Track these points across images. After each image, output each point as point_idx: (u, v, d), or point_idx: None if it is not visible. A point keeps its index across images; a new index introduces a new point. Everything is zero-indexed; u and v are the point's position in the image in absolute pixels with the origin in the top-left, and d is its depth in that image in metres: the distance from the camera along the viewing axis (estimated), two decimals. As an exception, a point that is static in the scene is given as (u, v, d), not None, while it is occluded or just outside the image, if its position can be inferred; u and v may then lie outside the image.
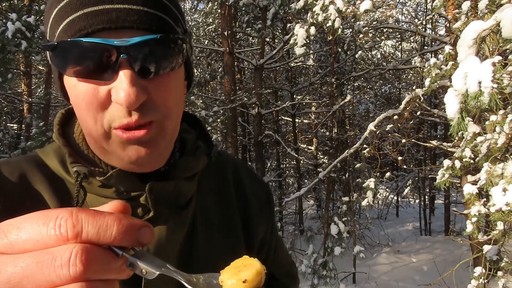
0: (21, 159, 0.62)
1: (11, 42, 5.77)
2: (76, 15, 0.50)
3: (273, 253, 0.85)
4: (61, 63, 0.51)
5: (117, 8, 0.50)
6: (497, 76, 1.98)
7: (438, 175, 3.76)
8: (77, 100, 0.53)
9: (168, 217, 0.60)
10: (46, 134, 7.52)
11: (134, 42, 0.50)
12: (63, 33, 0.51)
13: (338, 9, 4.45)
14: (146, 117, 0.53)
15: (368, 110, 14.76)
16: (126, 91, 0.49)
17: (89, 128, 0.54)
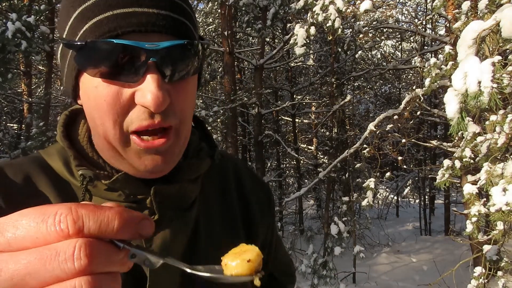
0: (25, 161, 0.61)
1: (11, 42, 5.77)
2: (104, 16, 0.50)
3: (273, 253, 0.85)
4: (86, 62, 0.51)
5: (146, 12, 0.50)
6: (497, 76, 1.98)
7: (438, 175, 3.76)
8: (98, 101, 0.52)
9: (173, 220, 0.60)
10: (46, 134, 7.52)
11: (164, 46, 0.50)
12: (89, 33, 0.50)
13: (338, 9, 4.45)
14: (167, 121, 0.53)
15: (368, 110, 14.76)
16: (154, 93, 0.49)
17: (106, 131, 0.53)
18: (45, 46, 8.10)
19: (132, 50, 0.49)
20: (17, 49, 6.02)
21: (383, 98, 14.80)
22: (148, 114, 0.52)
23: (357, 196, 7.22)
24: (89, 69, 0.51)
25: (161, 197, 0.58)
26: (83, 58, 0.51)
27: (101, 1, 0.50)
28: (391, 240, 10.31)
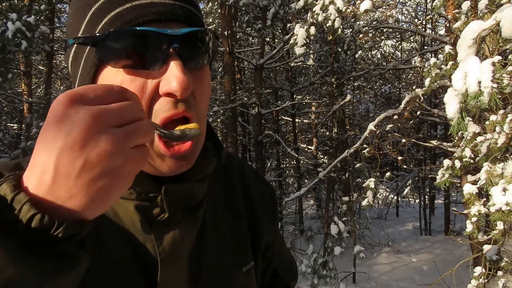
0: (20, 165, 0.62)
1: (11, 42, 5.77)
2: (124, 8, 0.51)
3: (277, 251, 0.87)
4: (109, 53, 0.50)
5: (163, 2, 0.52)
6: (497, 76, 1.98)
7: (438, 175, 3.76)
8: None
9: (182, 218, 0.61)
10: (46, 134, 7.52)
11: (184, 32, 0.51)
12: (109, 25, 0.51)
13: (338, 9, 4.45)
14: (190, 110, 0.53)
15: (368, 110, 14.76)
16: (179, 77, 0.50)
17: None
18: (45, 46, 8.11)
19: (154, 36, 0.50)
20: (17, 49, 6.02)
21: (383, 98, 14.80)
22: (172, 104, 0.52)
23: (357, 196, 7.22)
24: (112, 60, 0.51)
25: (171, 195, 0.58)
26: (105, 49, 0.50)
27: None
28: (391, 240, 10.31)
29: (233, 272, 0.69)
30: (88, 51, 0.53)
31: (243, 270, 0.70)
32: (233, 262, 0.69)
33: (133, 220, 0.58)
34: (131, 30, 0.50)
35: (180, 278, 0.61)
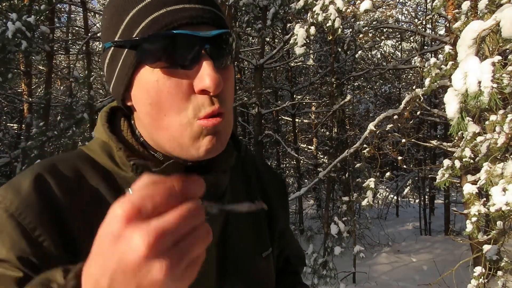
0: (72, 156, 0.65)
1: (11, 42, 5.77)
2: (160, 13, 0.55)
3: (288, 239, 0.93)
4: (148, 55, 0.55)
5: (194, 7, 0.57)
6: (497, 76, 1.98)
7: (438, 175, 3.76)
8: (161, 94, 0.56)
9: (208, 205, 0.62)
10: (46, 134, 7.51)
11: (214, 34, 0.56)
12: (147, 29, 0.55)
13: (338, 9, 4.45)
14: (222, 106, 0.58)
15: (368, 110, 14.77)
16: (212, 75, 0.54)
17: (170, 120, 0.57)
18: (45, 46, 8.10)
19: (188, 39, 0.55)
20: (17, 49, 6.01)
21: (383, 98, 14.80)
22: (210, 101, 0.57)
23: (357, 196, 7.22)
24: (151, 61, 0.55)
25: None
26: (144, 51, 0.55)
27: (155, 1, 0.56)
28: (391, 240, 10.31)
29: (254, 257, 0.75)
30: (126, 53, 0.58)
31: (262, 256, 0.76)
32: (254, 248, 0.75)
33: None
34: (169, 34, 0.54)
35: (209, 263, 0.66)
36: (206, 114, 0.57)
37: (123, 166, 0.63)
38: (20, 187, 0.57)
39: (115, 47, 0.59)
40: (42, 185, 0.58)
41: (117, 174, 0.63)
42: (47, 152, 8.35)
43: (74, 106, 8.04)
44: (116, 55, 0.59)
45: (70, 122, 7.73)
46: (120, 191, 0.62)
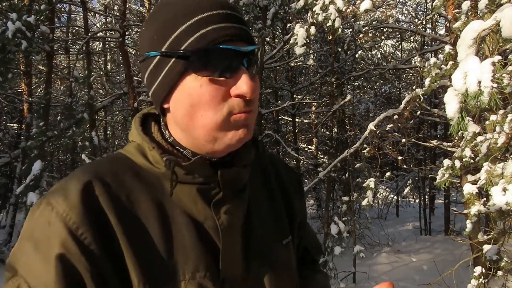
0: (112, 159, 0.75)
1: (11, 42, 5.77)
2: (207, 30, 0.65)
3: (306, 229, 1.01)
4: (197, 65, 0.65)
5: (233, 26, 0.67)
6: (497, 76, 1.98)
7: (438, 175, 3.76)
8: (202, 97, 0.66)
9: (233, 198, 0.74)
10: (46, 134, 7.51)
11: (250, 49, 0.67)
12: (195, 43, 0.64)
13: (338, 8, 4.45)
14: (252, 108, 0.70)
15: (368, 110, 14.77)
16: (249, 84, 0.65)
17: (207, 119, 0.67)
18: (45, 46, 8.10)
19: (231, 52, 0.65)
20: (17, 49, 6.02)
21: (383, 98, 14.80)
22: (244, 103, 0.67)
23: (357, 196, 7.22)
24: (198, 70, 0.65)
25: (224, 178, 0.71)
26: (193, 62, 0.65)
27: (203, 19, 0.65)
28: (391, 240, 10.31)
29: (275, 244, 0.82)
30: (173, 62, 0.66)
31: (283, 243, 0.84)
32: (274, 235, 0.83)
33: (195, 201, 0.71)
34: (216, 48, 0.64)
35: (236, 247, 0.74)
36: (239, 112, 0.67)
37: (155, 163, 0.71)
38: (68, 192, 0.65)
39: (161, 57, 0.67)
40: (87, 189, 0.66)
41: (150, 170, 0.72)
42: (47, 152, 8.35)
43: (74, 106, 8.04)
44: (162, 63, 0.68)
45: (70, 122, 7.74)
46: (152, 186, 0.71)
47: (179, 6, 0.67)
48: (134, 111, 8.68)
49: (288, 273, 0.83)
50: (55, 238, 0.61)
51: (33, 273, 0.60)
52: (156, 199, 0.69)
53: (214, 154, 0.72)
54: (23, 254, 0.63)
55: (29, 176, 6.53)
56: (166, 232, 0.68)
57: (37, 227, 0.63)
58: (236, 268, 0.73)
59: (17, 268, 0.62)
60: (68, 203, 0.63)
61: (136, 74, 12.67)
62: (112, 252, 0.63)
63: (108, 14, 12.78)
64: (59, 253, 0.60)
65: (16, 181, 8.63)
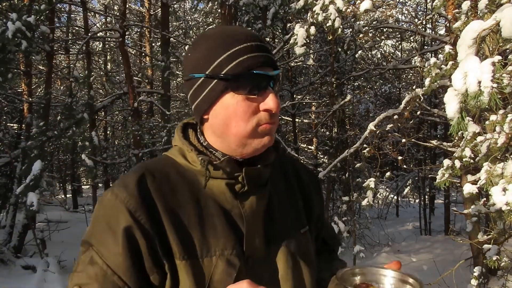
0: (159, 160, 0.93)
1: (11, 42, 5.77)
2: (243, 58, 0.82)
3: (324, 222, 1.15)
4: (235, 85, 0.82)
5: (263, 55, 0.85)
6: (497, 76, 1.98)
7: (438, 175, 3.76)
8: (237, 111, 0.83)
9: (256, 191, 0.90)
10: (46, 134, 7.51)
11: (276, 73, 0.86)
12: (234, 68, 0.82)
13: (338, 8, 4.45)
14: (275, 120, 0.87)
15: (368, 110, 14.76)
16: (275, 101, 0.84)
17: (239, 128, 0.84)
18: (45, 46, 8.10)
19: (262, 76, 0.83)
20: (17, 49, 6.02)
21: (383, 98, 14.80)
22: (270, 116, 0.85)
23: (357, 195, 7.23)
24: (235, 90, 0.83)
25: (249, 175, 0.87)
26: (232, 83, 0.82)
27: (240, 49, 0.83)
28: (391, 240, 10.31)
29: (293, 231, 0.96)
30: (215, 82, 0.83)
31: (301, 232, 0.98)
32: (293, 224, 0.97)
33: (224, 193, 0.88)
34: (251, 73, 0.82)
35: (258, 232, 0.89)
36: (266, 123, 0.85)
37: (193, 162, 0.88)
38: (127, 183, 0.84)
39: (205, 78, 0.84)
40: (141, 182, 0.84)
41: (188, 168, 0.89)
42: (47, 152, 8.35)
43: (74, 106, 8.04)
44: (205, 83, 0.85)
45: (70, 122, 7.73)
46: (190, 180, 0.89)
47: (220, 38, 0.85)
48: (134, 111, 8.68)
49: (304, 258, 0.95)
50: (121, 218, 0.80)
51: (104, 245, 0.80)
52: (192, 190, 0.87)
53: (242, 156, 0.89)
54: (96, 232, 0.83)
55: (29, 176, 6.53)
56: (200, 217, 0.85)
57: (106, 211, 0.83)
58: (258, 249, 0.88)
59: (91, 242, 0.82)
60: (128, 192, 0.82)
61: (136, 74, 12.68)
62: (159, 230, 0.81)
63: (108, 14, 12.78)
64: (124, 229, 0.79)
65: (16, 181, 8.61)
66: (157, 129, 9.17)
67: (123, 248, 0.78)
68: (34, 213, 6.53)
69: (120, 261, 0.78)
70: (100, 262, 0.79)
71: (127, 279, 0.78)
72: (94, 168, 7.80)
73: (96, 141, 7.91)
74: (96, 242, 0.81)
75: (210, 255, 0.83)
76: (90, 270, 0.79)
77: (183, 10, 16.87)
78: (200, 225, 0.84)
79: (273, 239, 0.91)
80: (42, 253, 7.58)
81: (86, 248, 0.83)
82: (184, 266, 0.80)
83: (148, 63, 13.44)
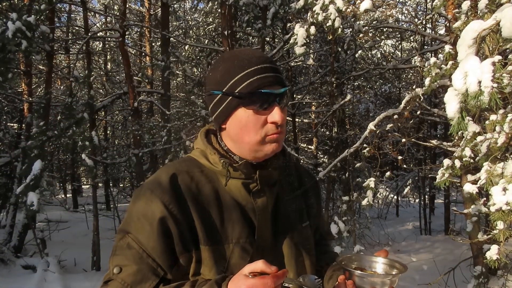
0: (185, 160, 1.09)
1: (11, 42, 5.77)
2: (254, 78, 0.96)
3: (322, 219, 1.34)
4: (247, 102, 0.97)
5: (271, 75, 0.98)
6: (497, 76, 1.98)
7: (438, 175, 3.76)
8: (249, 123, 0.98)
9: (266, 190, 1.06)
10: (46, 134, 7.51)
11: (282, 91, 0.98)
12: (246, 87, 0.96)
13: (338, 8, 4.45)
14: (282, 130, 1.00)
15: (368, 110, 14.76)
16: (280, 115, 0.97)
17: (250, 138, 0.99)
18: (45, 46, 8.10)
19: (269, 94, 0.96)
20: (17, 48, 6.02)
21: (383, 98, 14.79)
22: (275, 128, 0.99)
23: (357, 195, 7.22)
24: (247, 105, 0.97)
25: (262, 176, 1.03)
26: (244, 100, 0.97)
27: (251, 71, 0.97)
28: (391, 240, 10.31)
29: (296, 225, 1.12)
30: (230, 99, 0.98)
31: (302, 226, 1.14)
32: (296, 219, 1.13)
33: (240, 191, 1.03)
34: (260, 92, 0.96)
35: (267, 225, 1.05)
36: (273, 133, 0.98)
37: (214, 163, 1.04)
38: (161, 181, 1.01)
39: (222, 95, 0.99)
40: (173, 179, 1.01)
41: (210, 168, 1.05)
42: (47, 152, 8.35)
43: (74, 105, 8.03)
44: (222, 99, 1.00)
45: (70, 121, 7.73)
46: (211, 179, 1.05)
47: (236, 60, 1.00)
48: (134, 111, 8.68)
49: (305, 248, 1.12)
50: (156, 210, 0.96)
51: (142, 232, 0.96)
52: (214, 188, 1.03)
53: (255, 159, 1.04)
54: (132, 221, 0.98)
55: (29, 175, 6.52)
56: (220, 210, 1.01)
57: (142, 203, 0.99)
58: (267, 239, 1.05)
59: (129, 230, 0.98)
60: (163, 188, 0.99)
61: (136, 74, 12.67)
62: (188, 220, 0.97)
63: (108, 14, 12.77)
64: (159, 219, 0.95)
65: (16, 180, 8.61)
66: (157, 128, 9.15)
67: (158, 235, 0.95)
68: (34, 212, 6.52)
69: (155, 245, 0.94)
70: (136, 247, 0.95)
71: (160, 261, 0.95)
72: (94, 167, 7.80)
73: (96, 140, 7.90)
74: (133, 230, 0.97)
75: (228, 242, 1.00)
76: (128, 253, 0.95)
77: (183, 10, 16.86)
78: (220, 217, 1.00)
79: (279, 231, 1.08)
80: (42, 253, 7.58)
81: (122, 235, 0.98)
82: (207, 250, 0.97)
83: (148, 63, 13.43)
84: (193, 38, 15.07)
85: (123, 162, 10.28)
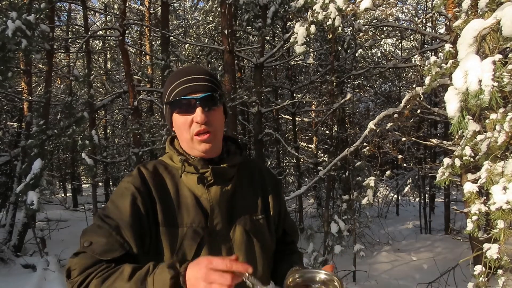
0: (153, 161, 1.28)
1: (11, 41, 5.76)
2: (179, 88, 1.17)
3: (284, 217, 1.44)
4: (175, 108, 1.18)
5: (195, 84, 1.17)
6: (497, 75, 1.98)
7: (438, 174, 3.75)
8: (181, 125, 1.18)
9: (220, 184, 1.22)
10: (46, 133, 7.51)
11: (201, 96, 1.16)
12: (173, 97, 1.18)
13: (338, 7, 4.44)
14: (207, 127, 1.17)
15: (368, 109, 14.77)
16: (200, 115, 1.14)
17: (185, 136, 1.19)
18: (45, 45, 8.09)
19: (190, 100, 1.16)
20: (17, 47, 6.01)
21: (383, 97, 14.79)
22: (199, 126, 1.16)
23: (357, 194, 7.23)
24: (176, 110, 1.18)
25: (214, 171, 1.20)
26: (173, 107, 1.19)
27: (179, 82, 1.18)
28: (391, 239, 10.31)
29: (251, 216, 1.27)
30: (168, 107, 1.22)
31: (255, 218, 1.28)
32: (251, 212, 1.28)
33: (196, 184, 1.20)
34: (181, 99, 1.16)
35: (221, 213, 1.21)
36: (197, 132, 1.17)
37: (176, 162, 1.24)
38: (132, 173, 1.21)
39: (165, 104, 1.23)
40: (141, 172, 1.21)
41: (173, 166, 1.26)
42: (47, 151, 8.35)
43: (74, 104, 8.03)
44: (165, 108, 1.25)
45: (70, 120, 7.72)
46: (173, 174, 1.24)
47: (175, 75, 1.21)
48: (134, 110, 8.67)
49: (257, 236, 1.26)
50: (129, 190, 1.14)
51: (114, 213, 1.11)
52: (174, 181, 1.22)
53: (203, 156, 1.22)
54: (107, 206, 1.14)
55: (29, 174, 6.53)
56: (177, 199, 1.19)
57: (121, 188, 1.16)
58: (219, 226, 1.20)
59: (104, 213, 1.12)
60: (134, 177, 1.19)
61: (136, 73, 12.67)
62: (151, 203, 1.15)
63: (108, 12, 12.75)
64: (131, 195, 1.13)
65: (16, 179, 8.62)
66: (157, 127, 9.16)
67: (130, 206, 1.11)
68: (34, 211, 6.53)
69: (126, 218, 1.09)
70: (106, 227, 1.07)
71: (127, 237, 1.07)
72: (94, 166, 7.79)
73: (96, 139, 7.90)
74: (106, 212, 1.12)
75: (182, 226, 1.16)
76: (99, 231, 1.07)
77: (183, 9, 16.86)
78: (178, 205, 1.18)
79: (234, 220, 1.23)
80: (42, 252, 7.58)
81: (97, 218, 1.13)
82: (164, 231, 1.13)
83: (148, 62, 13.42)
84: (193, 37, 15.06)
85: (123, 161, 10.28)
